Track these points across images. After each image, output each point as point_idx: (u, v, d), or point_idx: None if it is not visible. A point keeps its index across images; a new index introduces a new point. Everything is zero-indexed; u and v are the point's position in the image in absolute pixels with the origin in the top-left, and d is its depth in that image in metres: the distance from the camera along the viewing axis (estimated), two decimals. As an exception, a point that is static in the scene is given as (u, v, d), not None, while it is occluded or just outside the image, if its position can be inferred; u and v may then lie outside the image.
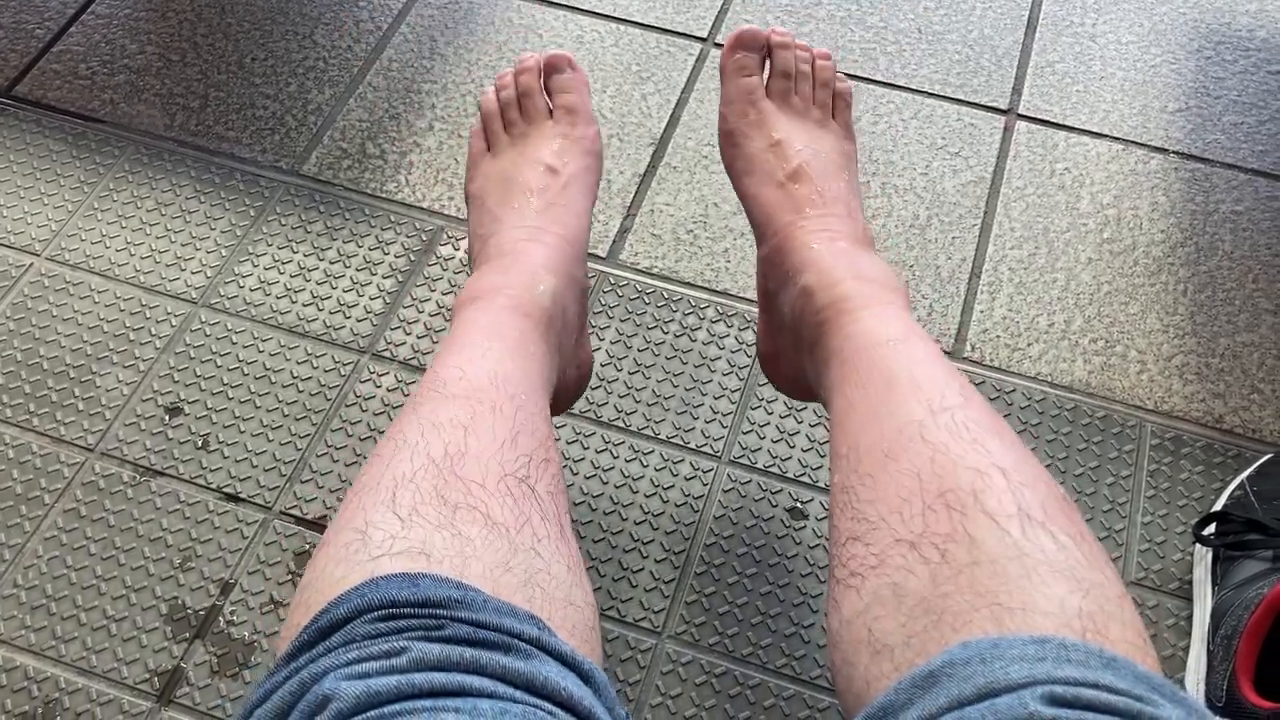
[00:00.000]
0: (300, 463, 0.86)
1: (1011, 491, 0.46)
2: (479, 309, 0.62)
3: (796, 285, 0.65)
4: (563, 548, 0.49)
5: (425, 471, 0.49)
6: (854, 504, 0.50)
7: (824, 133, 0.72)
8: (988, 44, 1.14)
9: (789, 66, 0.73)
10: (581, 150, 0.73)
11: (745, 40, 0.72)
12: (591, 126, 0.74)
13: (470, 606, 0.42)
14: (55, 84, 1.09)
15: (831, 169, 0.70)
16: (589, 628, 0.48)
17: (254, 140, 1.05)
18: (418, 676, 0.39)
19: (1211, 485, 0.86)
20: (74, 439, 0.87)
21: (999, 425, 0.51)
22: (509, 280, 0.64)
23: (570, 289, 0.67)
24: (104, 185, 1.02)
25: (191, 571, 0.81)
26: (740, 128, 0.72)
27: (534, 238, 0.67)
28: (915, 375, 0.53)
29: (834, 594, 0.49)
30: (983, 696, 0.38)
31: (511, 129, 0.74)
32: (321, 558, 0.47)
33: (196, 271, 0.96)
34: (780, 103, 0.73)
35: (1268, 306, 0.96)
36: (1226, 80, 1.11)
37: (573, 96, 0.74)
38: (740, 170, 0.72)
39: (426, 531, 0.46)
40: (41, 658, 0.77)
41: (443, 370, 0.57)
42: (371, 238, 0.99)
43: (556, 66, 0.74)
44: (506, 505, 0.48)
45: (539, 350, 0.61)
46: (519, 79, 0.74)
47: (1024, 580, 0.43)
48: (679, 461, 0.87)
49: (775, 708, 0.76)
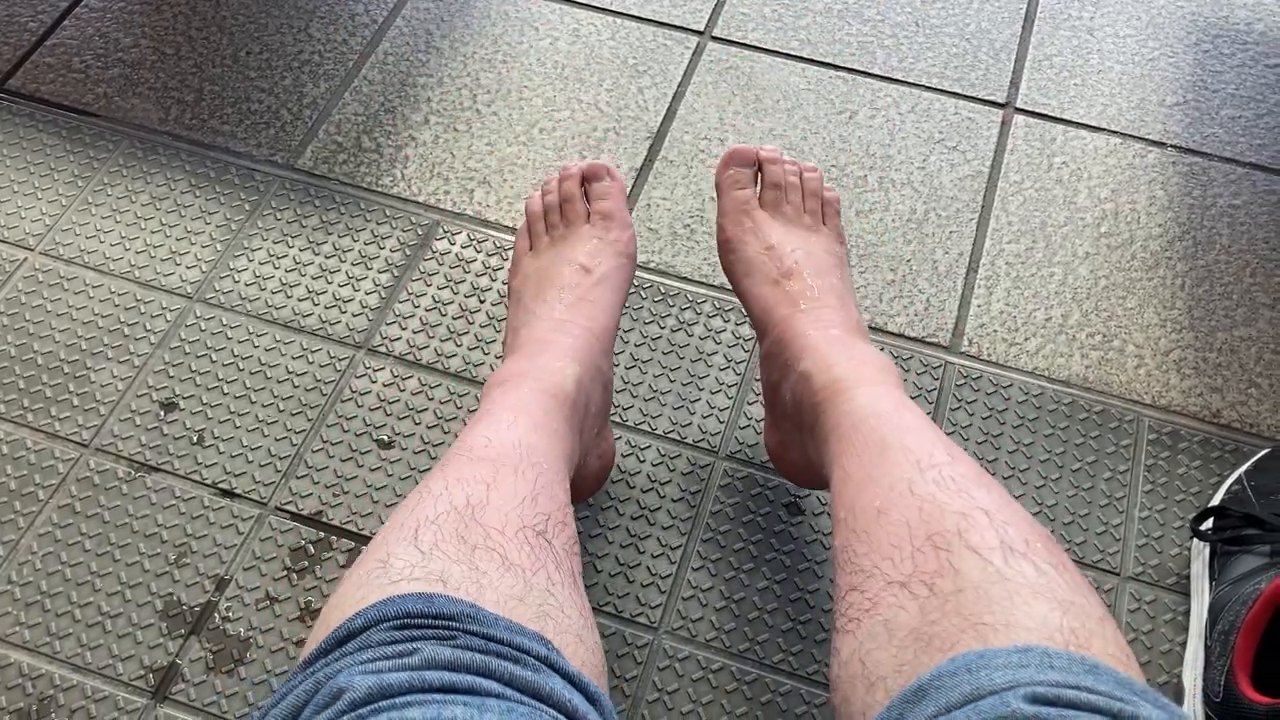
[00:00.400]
0: (296, 458, 0.86)
1: (994, 529, 0.48)
2: (506, 390, 0.66)
3: (795, 371, 0.69)
4: (575, 598, 0.51)
5: (447, 516, 0.51)
6: (851, 559, 0.53)
7: (815, 236, 0.77)
8: (985, 37, 1.13)
9: (779, 179, 0.78)
10: (615, 252, 0.77)
11: (737, 157, 0.79)
12: (627, 231, 0.78)
13: (482, 622, 0.44)
14: (49, 78, 1.08)
15: (823, 267, 0.75)
16: (598, 669, 0.49)
17: (249, 134, 1.05)
18: (429, 674, 0.40)
19: (1209, 480, 0.86)
20: (68, 435, 0.87)
21: (984, 478, 0.54)
22: (535, 365, 0.68)
23: (594, 379, 0.71)
24: (98, 179, 1.01)
25: (187, 567, 0.81)
26: (737, 235, 0.77)
27: (561, 329, 0.72)
28: (905, 441, 0.57)
29: (834, 643, 0.52)
30: (968, 701, 0.38)
31: (553, 231, 0.78)
32: (344, 586, 0.49)
33: (191, 266, 0.96)
34: (773, 211, 0.78)
35: (1265, 301, 0.96)
36: (1224, 74, 1.11)
37: (609, 203, 0.78)
38: (740, 273, 0.77)
39: (445, 563, 0.48)
40: (36, 654, 0.77)
41: (470, 439, 0.60)
42: (367, 232, 0.98)
43: (596, 175, 0.79)
44: (524, 552, 0.50)
45: (562, 429, 0.65)
46: (562, 185, 0.79)
47: (1007, 601, 0.44)
48: (676, 456, 0.87)
49: (772, 703, 0.76)
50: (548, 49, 1.11)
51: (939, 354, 0.92)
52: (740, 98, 1.08)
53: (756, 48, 1.12)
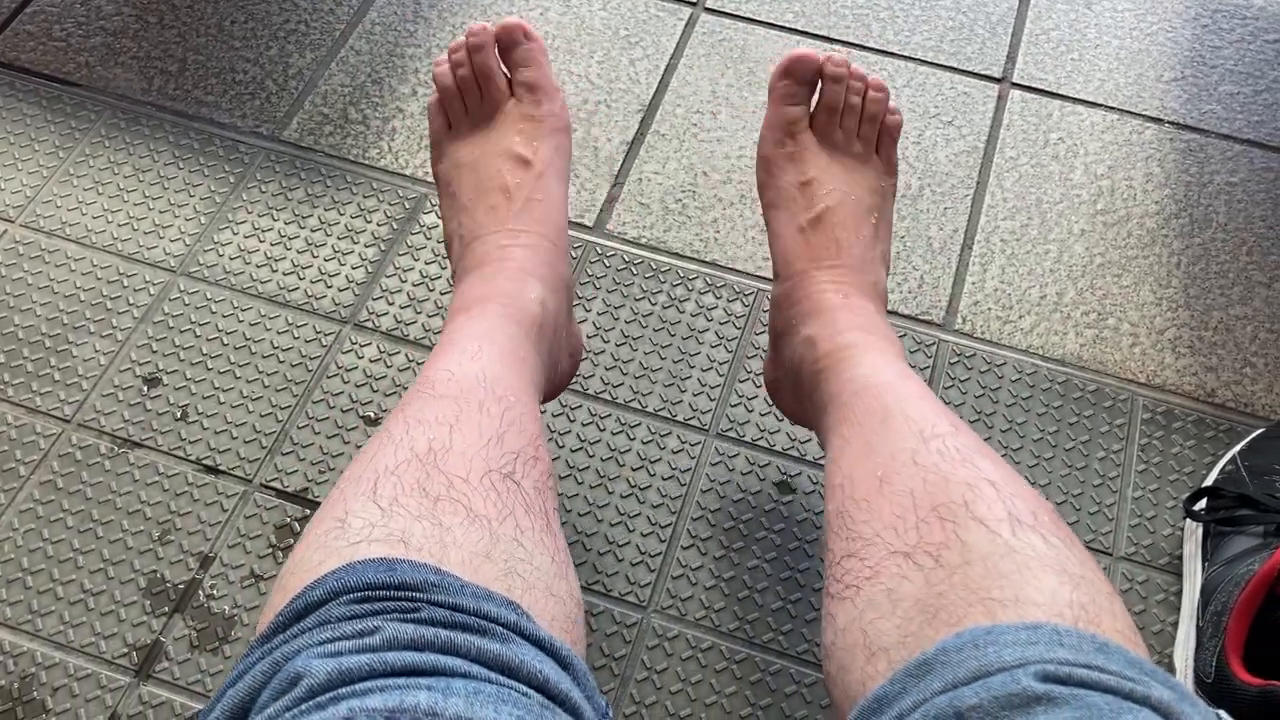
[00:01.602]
0: (281, 434, 0.85)
1: (1001, 500, 0.47)
2: (469, 317, 0.63)
3: (800, 333, 0.67)
4: (547, 540, 0.49)
5: (408, 465, 0.49)
6: (849, 525, 0.51)
7: (861, 169, 0.72)
8: (982, 11, 1.12)
9: (837, 101, 0.71)
10: (549, 130, 0.71)
11: (795, 69, 0.71)
12: (556, 100, 0.72)
13: (447, 590, 0.42)
14: (29, 46, 1.06)
15: (859, 213, 0.70)
16: (570, 620, 0.47)
17: (233, 105, 1.03)
18: (390, 655, 0.38)
19: (1203, 460, 0.85)
20: (50, 410, 0.85)
21: (987, 450, 0.53)
22: (497, 288, 0.64)
23: (557, 289, 0.68)
24: (80, 150, 0.99)
25: (171, 545, 0.80)
26: (776, 157, 0.72)
27: (517, 241, 0.67)
28: (907, 410, 0.55)
29: (828, 609, 0.51)
30: (976, 678, 0.38)
31: (473, 110, 0.72)
32: (301, 547, 0.47)
33: (175, 239, 0.94)
34: (821, 136, 0.72)
35: (1261, 279, 0.95)
36: (1223, 49, 1.10)
37: (533, 71, 0.71)
38: (769, 200, 0.73)
39: (406, 521, 0.45)
40: (18, 632, 0.76)
41: (432, 372, 0.57)
42: (354, 205, 0.97)
43: (513, 39, 0.70)
44: (490, 499, 0.48)
45: (529, 355, 0.62)
46: (474, 59, 0.71)
47: (1016, 575, 0.43)
48: (666, 435, 0.86)
49: (761, 682, 0.76)
50: (538, 19, 1.10)
51: (933, 331, 0.91)
52: (734, 70, 1.07)
53: (750, 19, 1.10)
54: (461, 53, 0.71)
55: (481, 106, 0.71)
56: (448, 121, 0.72)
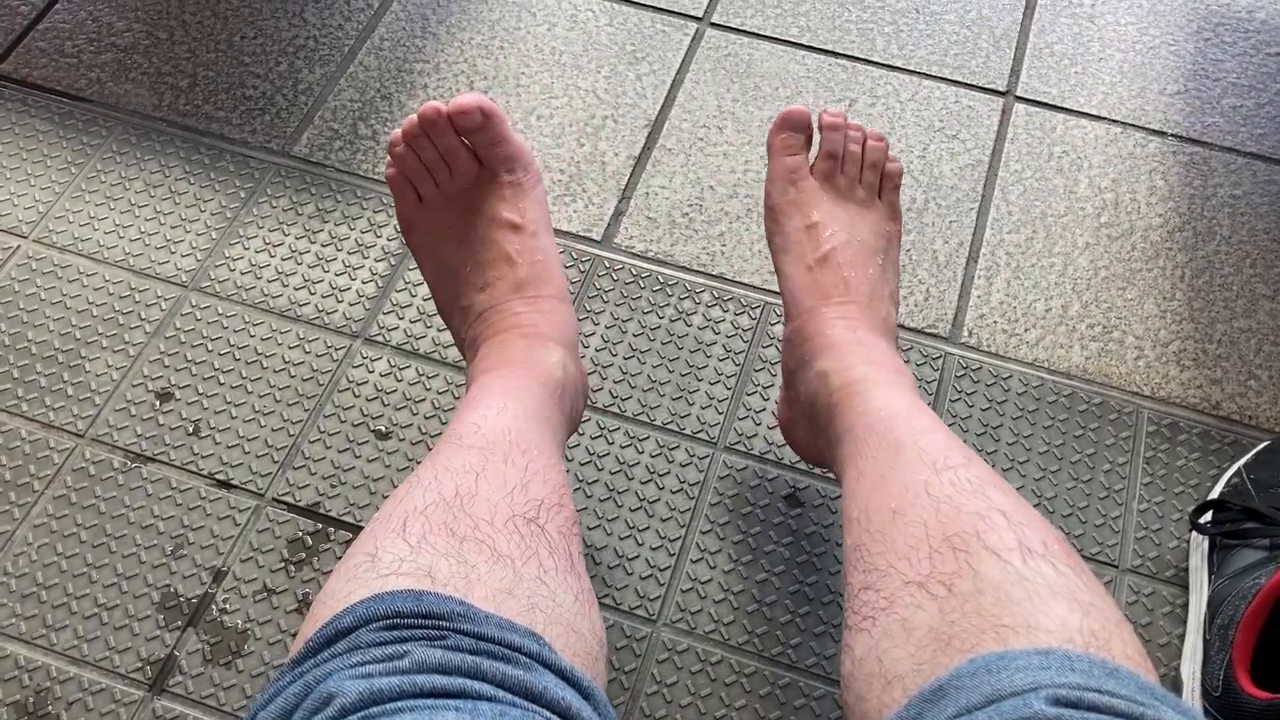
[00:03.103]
0: (293, 449, 0.86)
1: (1012, 529, 0.48)
2: (495, 376, 0.65)
3: (813, 369, 0.68)
4: (571, 581, 0.50)
5: (436, 507, 0.50)
6: (865, 558, 0.52)
7: (866, 214, 0.73)
8: (986, 24, 1.13)
9: (836, 148, 0.73)
10: (530, 186, 0.71)
11: (791, 121, 0.73)
12: (526, 158, 0.71)
13: (472, 620, 0.43)
14: (41, 62, 1.07)
15: (865, 254, 0.71)
16: (592, 656, 0.48)
17: (244, 120, 1.04)
18: (420, 678, 0.39)
19: (1208, 472, 0.86)
20: (63, 425, 0.86)
21: (999, 480, 0.54)
22: (522, 355, 0.66)
23: (573, 347, 0.70)
24: (91, 166, 1.00)
25: (183, 559, 0.81)
26: (781, 205, 0.74)
27: (532, 308, 0.69)
28: (920, 443, 0.56)
29: (846, 640, 0.52)
30: (990, 702, 0.38)
31: (444, 184, 0.70)
32: (332, 579, 0.49)
33: (186, 254, 0.95)
34: (824, 182, 0.74)
35: (1265, 292, 0.95)
36: (1226, 62, 1.10)
37: (504, 148, 0.69)
38: (778, 246, 0.74)
39: (433, 557, 0.47)
40: (32, 646, 0.77)
41: (458, 426, 0.59)
42: (364, 220, 0.98)
43: (470, 122, 0.67)
44: (514, 541, 0.50)
45: (553, 415, 0.64)
46: (437, 143, 0.69)
47: (1027, 603, 0.44)
48: (674, 448, 0.86)
49: (771, 696, 0.76)
50: (545, 35, 1.10)
51: (938, 345, 0.92)
52: (739, 85, 1.07)
53: (756, 34, 1.11)
54: (421, 137, 0.69)
55: (453, 181, 0.70)
56: (417, 195, 0.71)
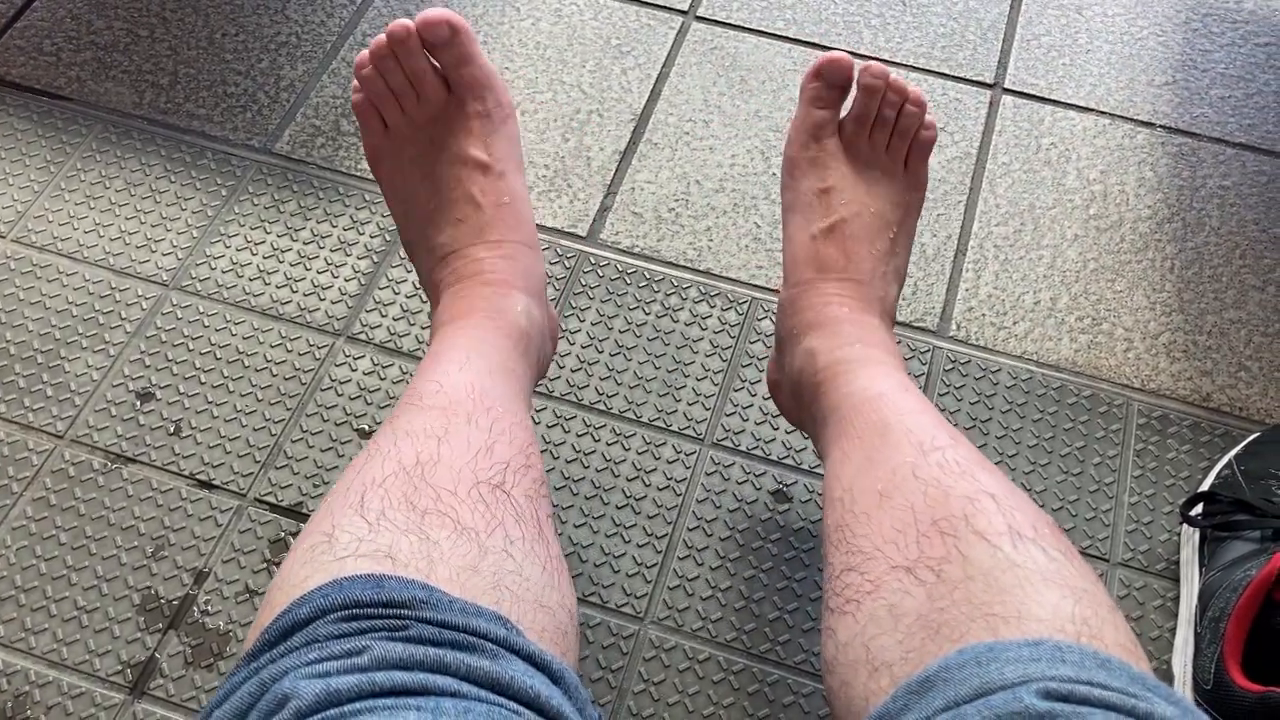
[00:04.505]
0: (275, 449, 0.85)
1: (1001, 513, 0.47)
2: (457, 328, 0.62)
3: (802, 344, 0.67)
4: (539, 548, 0.48)
5: (395, 478, 0.48)
6: (848, 539, 0.51)
7: (885, 182, 0.70)
8: (973, 16, 1.12)
9: (868, 114, 0.69)
10: (499, 122, 0.68)
11: (828, 72, 0.68)
12: (499, 88, 0.68)
13: (435, 607, 0.41)
14: (19, 60, 1.06)
15: (876, 227, 0.68)
16: (561, 631, 0.47)
17: (225, 118, 1.03)
18: (379, 675, 0.38)
19: (1199, 464, 0.85)
20: (42, 426, 0.85)
21: (986, 462, 0.53)
22: (482, 304, 0.64)
23: (538, 293, 0.68)
24: (71, 165, 0.99)
25: (164, 560, 0.80)
26: (799, 160, 0.70)
27: (495, 253, 0.66)
28: (906, 423, 0.55)
29: (828, 623, 0.50)
30: (979, 695, 0.38)
31: (410, 111, 0.68)
32: (288, 561, 0.47)
33: (167, 253, 0.94)
34: (847, 145, 0.70)
35: (1255, 283, 0.95)
36: (1214, 53, 1.10)
37: (471, 68, 0.66)
38: (787, 202, 0.71)
39: (393, 535, 0.45)
40: (11, 650, 0.76)
41: (420, 384, 0.57)
42: (346, 217, 0.97)
43: (438, 36, 0.65)
44: (478, 511, 0.48)
45: (518, 366, 0.62)
46: (404, 64, 0.66)
47: (1018, 590, 0.43)
48: (661, 444, 0.86)
49: (759, 693, 0.76)
50: (529, 29, 1.10)
51: (927, 338, 0.91)
52: (725, 79, 1.06)
53: (741, 27, 1.10)
54: (388, 58, 0.66)
55: (420, 108, 0.67)
56: (383, 123, 0.68)
